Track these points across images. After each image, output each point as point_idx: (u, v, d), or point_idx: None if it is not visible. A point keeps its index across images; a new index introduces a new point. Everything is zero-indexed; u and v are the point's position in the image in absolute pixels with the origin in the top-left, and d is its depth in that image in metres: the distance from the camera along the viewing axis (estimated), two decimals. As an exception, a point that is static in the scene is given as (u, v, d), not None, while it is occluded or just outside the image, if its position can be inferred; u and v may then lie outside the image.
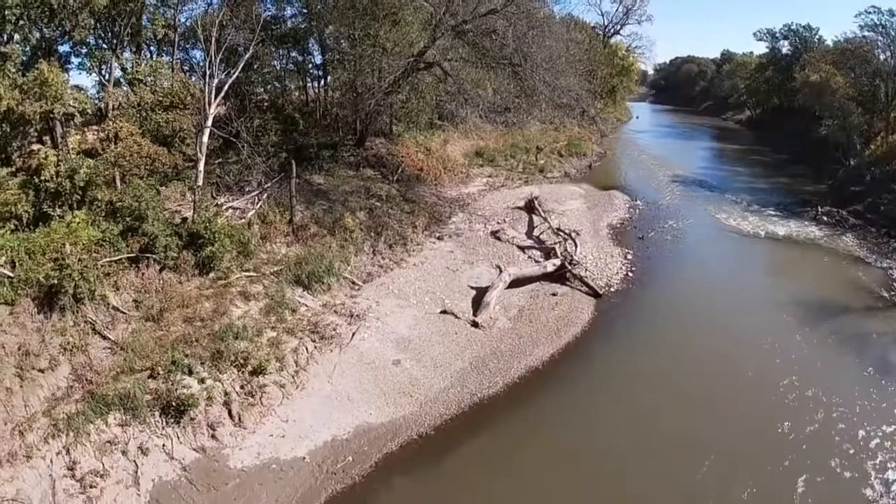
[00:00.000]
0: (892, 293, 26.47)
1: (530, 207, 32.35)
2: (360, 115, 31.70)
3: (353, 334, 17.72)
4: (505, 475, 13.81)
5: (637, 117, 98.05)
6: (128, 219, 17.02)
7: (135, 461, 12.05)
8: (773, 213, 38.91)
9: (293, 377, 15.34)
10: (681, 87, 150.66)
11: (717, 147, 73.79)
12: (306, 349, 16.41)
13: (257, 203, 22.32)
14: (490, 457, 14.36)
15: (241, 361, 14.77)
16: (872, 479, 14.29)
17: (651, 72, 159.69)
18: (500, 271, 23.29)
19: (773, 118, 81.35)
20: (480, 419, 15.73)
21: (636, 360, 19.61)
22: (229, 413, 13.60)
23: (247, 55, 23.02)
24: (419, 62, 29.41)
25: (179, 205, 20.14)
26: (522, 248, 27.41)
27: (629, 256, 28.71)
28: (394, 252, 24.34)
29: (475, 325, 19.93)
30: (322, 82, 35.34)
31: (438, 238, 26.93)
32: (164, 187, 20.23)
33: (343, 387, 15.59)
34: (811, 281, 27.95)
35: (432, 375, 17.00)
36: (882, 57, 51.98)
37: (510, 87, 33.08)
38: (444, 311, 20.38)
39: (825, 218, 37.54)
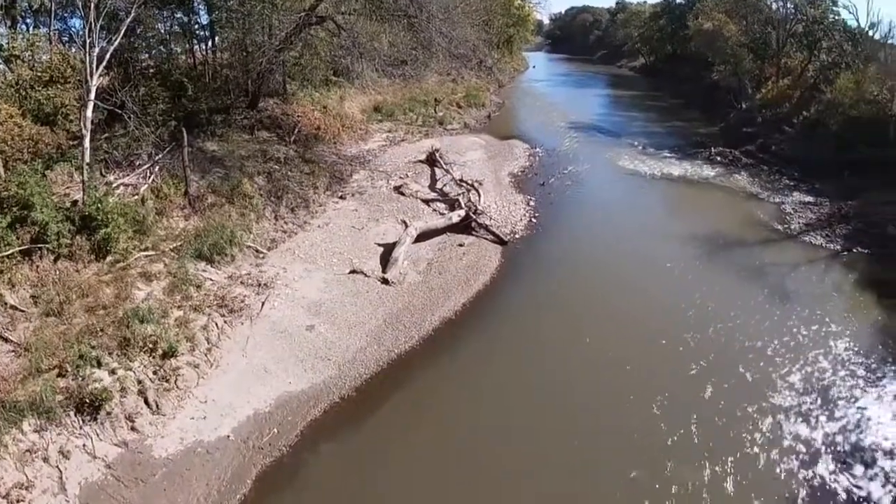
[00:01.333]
0: (785, 225, 28.40)
1: (432, 160, 32.39)
2: (252, 75, 30.58)
3: (263, 304, 17.43)
4: (429, 425, 14.19)
5: (534, 67, 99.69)
6: (14, 209, 15.93)
7: (58, 466, 11.51)
8: (668, 155, 40.46)
9: (206, 356, 14.95)
10: (576, 37, 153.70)
11: (612, 94, 75.95)
12: (216, 325, 15.99)
13: (150, 177, 21.36)
14: (412, 410, 14.69)
15: (151, 346, 14.19)
16: (773, 379, 16.58)
17: (547, 21, 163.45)
18: (406, 226, 23.28)
19: (667, 65, 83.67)
20: (400, 374, 15.97)
21: (546, 298, 20.57)
22: (146, 402, 13.13)
23: (128, 19, 21.53)
24: (311, 17, 28.53)
25: (68, 187, 19.02)
26: (427, 202, 27.52)
27: (532, 203, 29.34)
28: (296, 216, 23.95)
29: (385, 281, 19.98)
30: (210, 43, 33.79)
31: (341, 197, 26.70)
32: (49, 170, 18.91)
33: (259, 359, 15.38)
34: (708, 216, 29.52)
35: (348, 337, 16.99)
36: (774, 6, 54.21)
37: (406, 39, 32.61)
38: (353, 271, 20.29)
39: (718, 158, 39.53)
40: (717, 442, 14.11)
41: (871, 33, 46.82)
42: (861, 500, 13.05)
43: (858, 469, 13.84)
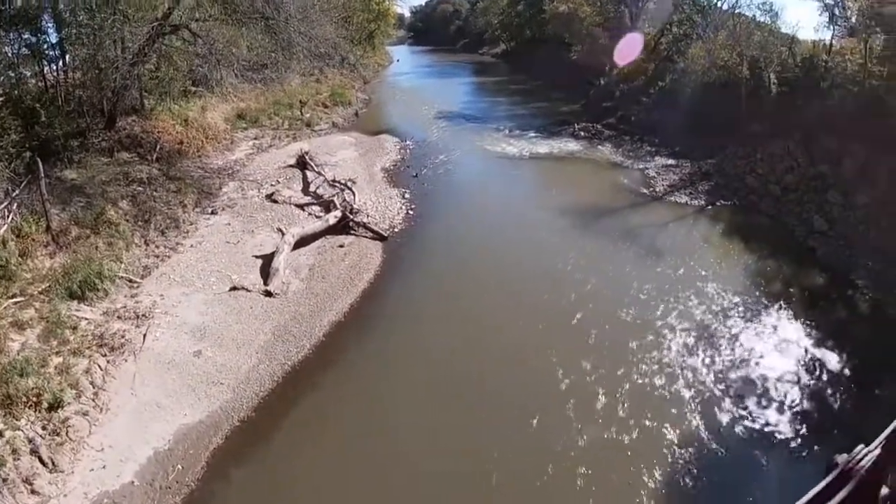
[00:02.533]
0: (650, 189, 30.58)
1: (302, 163, 32.19)
2: (107, 93, 29.01)
3: (145, 336, 16.86)
4: (333, 432, 14.33)
5: (398, 60, 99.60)
6: None
7: (-37, 551, 10.73)
8: (534, 134, 42.14)
9: (94, 401, 14.33)
10: (438, 28, 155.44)
11: (476, 81, 77.73)
12: (99, 367, 15.33)
13: (8, 216, 19.98)
14: (315, 419, 14.78)
15: (35, 400, 13.41)
16: (657, 327, 18.67)
17: (408, 14, 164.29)
18: (283, 234, 23.06)
19: (527, 49, 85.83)
20: (297, 386, 16.00)
21: (430, 285, 21.37)
22: (41, 460, 12.39)
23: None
24: (165, 26, 27.60)
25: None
26: (301, 207, 27.35)
27: (407, 195, 29.85)
28: (167, 238, 23.12)
29: (269, 294, 19.83)
30: (61, 63, 31.78)
31: (212, 213, 26.04)
32: None
33: (149, 395, 14.93)
34: (577, 188, 31.26)
35: (238, 357, 16.77)
36: (625, -15, 56.09)
37: (265, 41, 32.09)
38: (233, 288, 19.97)
39: (582, 133, 41.65)
40: (612, 388, 15.72)
41: (719, 4, 49.86)
42: (758, 429, 14.42)
43: (751, 401, 15.34)
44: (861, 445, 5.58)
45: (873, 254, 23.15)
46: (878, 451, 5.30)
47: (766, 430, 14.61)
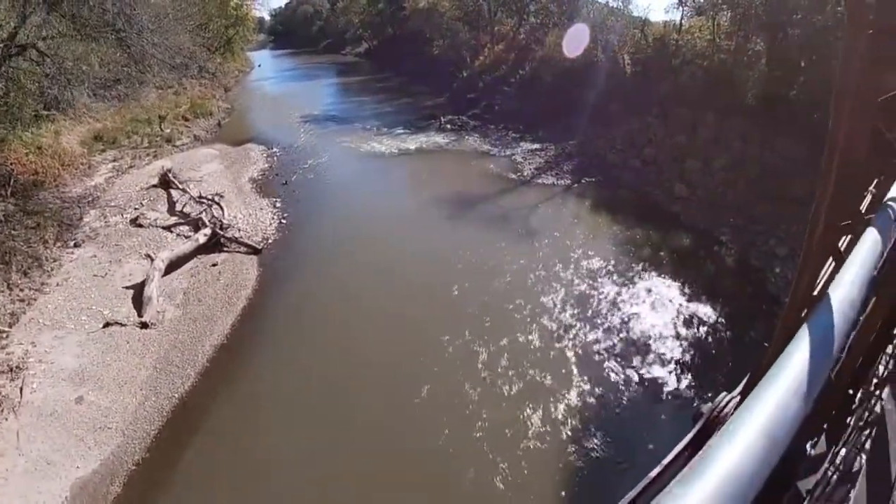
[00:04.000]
0: (518, 174, 31.64)
1: (166, 182, 30.96)
2: (-53, 125, 26.98)
3: (21, 390, 15.81)
4: (231, 458, 14.04)
5: (259, 65, 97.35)
6: None
7: None
8: (402, 131, 42.49)
9: (-24, 470, 13.30)
10: (299, 30, 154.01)
11: (341, 81, 77.05)
12: (-25, 430, 14.26)
13: None
14: (213, 448, 14.40)
15: None
16: (540, 300, 19.82)
17: (268, 17, 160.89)
18: (153, 260, 22.19)
19: (390, 46, 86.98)
20: (190, 417, 15.50)
21: (309, 292, 21.33)
22: None
23: None
24: (11, 47, 26.04)
25: None
26: (169, 228, 26.29)
27: (278, 204, 29.46)
28: (31, 279, 21.61)
29: (144, 325, 19.00)
30: None
31: (76, 245, 24.55)
32: None
33: (37, 452, 14.02)
34: (448, 180, 31.81)
35: (122, 396, 16.03)
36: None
37: (118, 56, 30.63)
38: (107, 324, 18.98)
39: (449, 126, 42.40)
40: (500, 364, 16.54)
41: None
42: (644, 384, 15.32)
43: (635, 359, 16.38)
44: (724, 393, 5.97)
45: (734, 212, 24.95)
46: (738, 398, 5.68)
47: (651, 384, 15.66)
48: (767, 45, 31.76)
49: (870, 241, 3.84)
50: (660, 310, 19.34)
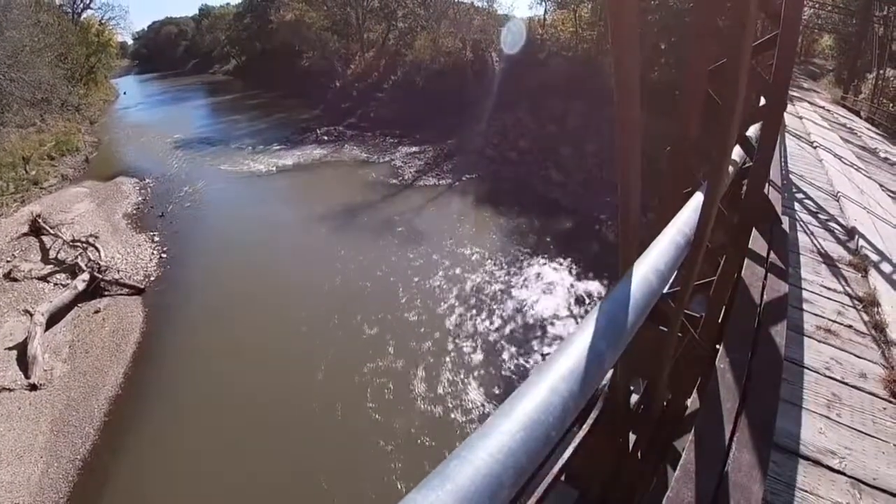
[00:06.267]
0: (399, 178, 31.97)
1: (36, 229, 29.10)
2: None
3: None
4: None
5: (125, 93, 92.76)
6: None
7: None
8: (278, 147, 42.07)
9: None
10: (164, 52, 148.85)
11: (211, 101, 75.30)
12: None
13: None
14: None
15: None
16: (437, 300, 20.12)
17: (131, 42, 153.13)
18: (32, 315, 20.93)
19: (259, 62, 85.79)
20: (96, 478, 14.72)
21: (200, 327, 20.65)
22: None
23: None
24: None
25: None
26: (45, 278, 24.73)
27: (157, 238, 28.48)
28: None
29: (34, 387, 17.83)
30: None
31: (-53, 308, 23.11)
32: None
33: None
34: (330, 192, 31.83)
35: (22, 468, 15.05)
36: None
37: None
38: (-8, 392, 18.01)
39: (326, 137, 42.46)
40: (404, 363, 16.96)
41: None
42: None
43: (535, 342, 16.82)
44: None
45: (610, 191, 26.02)
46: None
47: None
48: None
49: (692, 205, 4.22)
50: (551, 292, 20.16)
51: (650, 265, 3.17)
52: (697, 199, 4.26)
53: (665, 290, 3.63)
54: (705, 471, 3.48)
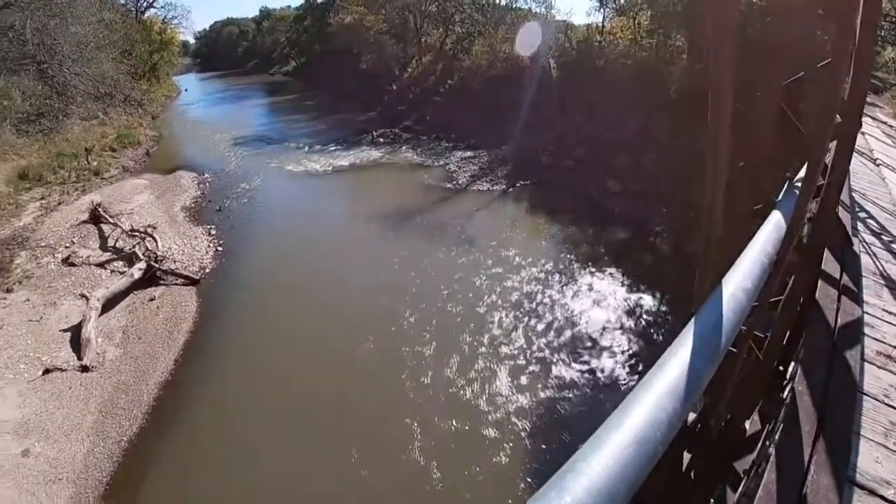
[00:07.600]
0: (454, 182, 31.89)
1: (96, 217, 29.95)
2: None
3: (-37, 447, 15.14)
4: (188, 499, 13.65)
5: (186, 90, 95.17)
6: None
7: None
8: (334, 148, 42.38)
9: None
10: (225, 51, 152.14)
11: (269, 101, 76.56)
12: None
13: None
14: (167, 490, 13.94)
15: None
16: (491, 305, 20.06)
17: (192, 41, 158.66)
18: (88, 300, 21.47)
19: (318, 64, 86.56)
20: (140, 460, 14.95)
21: (252, 319, 20.84)
22: None
23: None
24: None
25: None
26: (102, 265, 25.43)
27: (213, 232, 28.92)
28: (-38, 331, 20.79)
29: (85, 369, 18.33)
30: None
31: (7, 291, 23.58)
32: None
33: None
34: (384, 194, 32.02)
35: (69, 445, 15.40)
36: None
37: (40, 89, 29.70)
38: (46, 371, 18.26)
39: (381, 140, 42.81)
40: (457, 372, 16.59)
41: (497, 1, 52.36)
42: (596, 375, 15.65)
43: (585, 354, 16.76)
44: None
45: (665, 202, 25.59)
46: None
47: (603, 375, 15.98)
48: (687, 40, 32.78)
49: (772, 223, 4.05)
50: (602, 304, 19.85)
51: (738, 284, 3.12)
52: (776, 217, 4.15)
53: None
54: (786, 493, 3.47)
